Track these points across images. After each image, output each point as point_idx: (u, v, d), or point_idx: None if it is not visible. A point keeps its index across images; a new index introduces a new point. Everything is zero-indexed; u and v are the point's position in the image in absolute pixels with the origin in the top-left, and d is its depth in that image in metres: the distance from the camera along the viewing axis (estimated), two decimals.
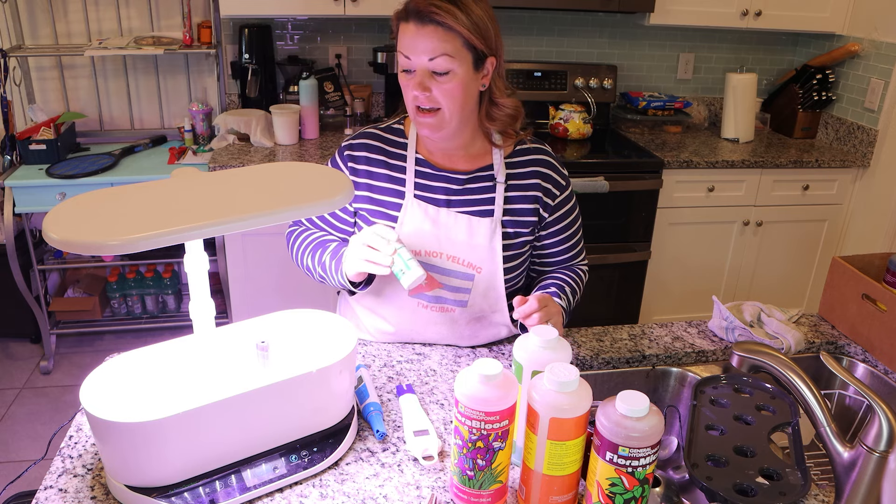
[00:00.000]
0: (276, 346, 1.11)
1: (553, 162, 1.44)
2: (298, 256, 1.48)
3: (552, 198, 1.43)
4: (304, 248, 1.46)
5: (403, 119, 1.45)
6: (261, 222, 0.92)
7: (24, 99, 2.93)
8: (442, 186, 1.39)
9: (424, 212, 1.37)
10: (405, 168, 1.40)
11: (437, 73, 1.27)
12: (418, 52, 1.26)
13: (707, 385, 1.19)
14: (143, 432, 0.93)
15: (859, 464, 1.01)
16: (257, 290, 2.70)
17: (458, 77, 1.28)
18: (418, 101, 1.30)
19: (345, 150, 1.43)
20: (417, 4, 1.26)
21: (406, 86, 1.31)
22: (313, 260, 1.43)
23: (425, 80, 1.28)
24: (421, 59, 1.27)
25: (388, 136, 1.43)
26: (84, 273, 3.18)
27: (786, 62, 3.46)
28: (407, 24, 1.27)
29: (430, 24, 1.25)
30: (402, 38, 1.29)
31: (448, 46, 1.25)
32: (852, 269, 1.53)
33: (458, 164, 1.41)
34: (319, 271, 1.42)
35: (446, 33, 1.25)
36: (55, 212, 0.88)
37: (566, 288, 1.43)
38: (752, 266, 3.13)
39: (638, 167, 2.82)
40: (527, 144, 1.44)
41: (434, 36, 1.25)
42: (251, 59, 2.89)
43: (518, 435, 1.05)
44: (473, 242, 1.37)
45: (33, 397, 2.76)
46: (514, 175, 1.41)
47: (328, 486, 1.06)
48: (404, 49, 1.28)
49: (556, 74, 3.16)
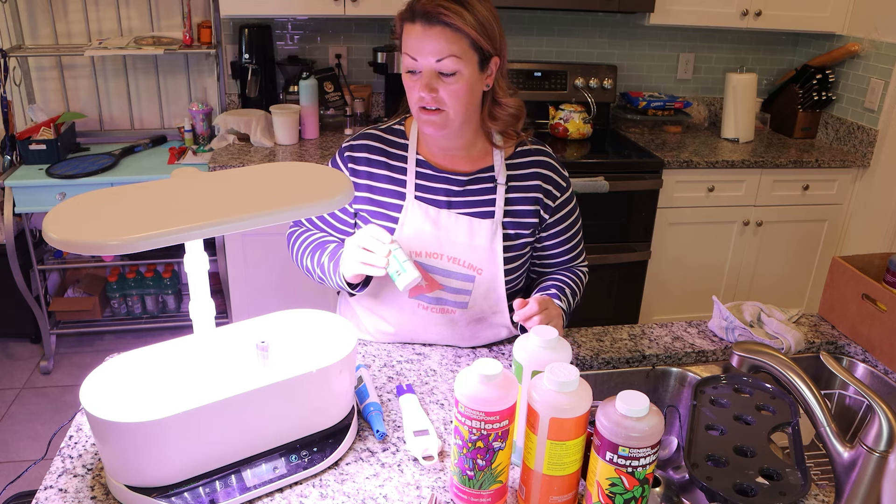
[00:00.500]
0: (276, 346, 1.11)
1: (554, 163, 1.44)
2: (298, 257, 1.47)
3: (553, 199, 1.43)
4: (304, 249, 1.46)
5: (404, 120, 1.45)
6: (261, 222, 0.92)
7: (24, 99, 2.93)
8: (443, 188, 1.39)
9: (425, 213, 1.37)
10: (406, 169, 1.40)
11: (444, 73, 1.27)
12: (425, 53, 1.25)
13: (707, 385, 1.19)
14: (143, 432, 0.93)
15: (859, 464, 1.01)
16: (257, 290, 2.70)
17: (465, 78, 1.27)
18: (424, 101, 1.29)
19: (345, 151, 1.43)
20: (424, 5, 1.25)
21: (411, 86, 1.31)
22: (312, 261, 1.43)
23: (432, 81, 1.27)
24: (428, 61, 1.26)
25: (389, 136, 1.43)
26: (84, 273, 3.18)
27: (786, 62, 3.46)
28: (413, 24, 1.26)
29: (438, 24, 1.24)
30: (408, 38, 1.28)
31: (455, 48, 1.25)
32: (852, 269, 1.53)
33: (459, 165, 1.40)
34: (318, 272, 1.41)
35: (454, 34, 1.24)
36: (55, 212, 0.88)
37: (566, 290, 1.42)
38: (752, 266, 3.13)
39: (638, 167, 2.82)
40: (527, 146, 1.44)
41: (441, 37, 1.24)
42: (251, 59, 2.89)
43: (518, 435, 1.05)
44: (474, 244, 1.37)
45: (33, 397, 2.76)
46: (514, 176, 1.41)
47: (328, 486, 1.06)
48: (410, 50, 1.27)
49: (556, 74, 3.16)
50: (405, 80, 1.32)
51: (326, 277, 1.39)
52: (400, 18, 1.30)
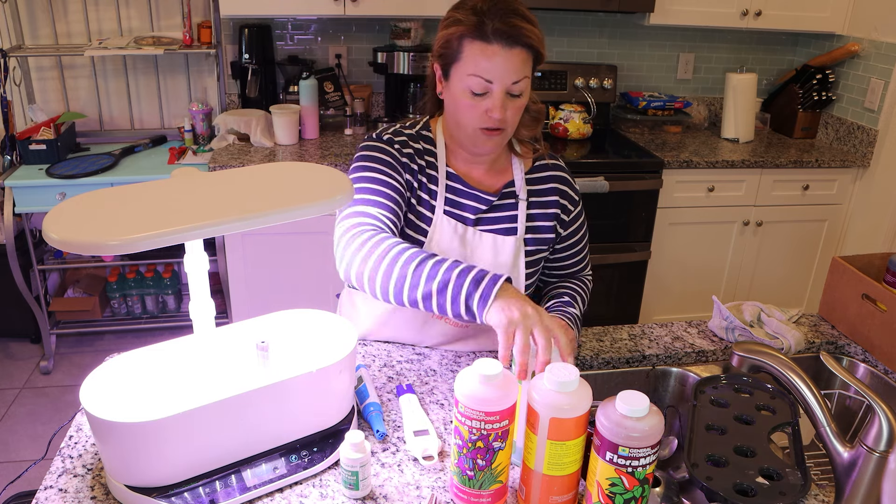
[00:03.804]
0: (276, 346, 1.11)
1: (568, 177, 1.44)
2: (389, 259, 1.16)
3: (567, 213, 1.43)
4: (402, 255, 1.15)
5: (428, 125, 1.38)
6: (261, 222, 0.92)
7: (24, 99, 2.93)
8: (472, 205, 1.35)
9: (454, 229, 1.34)
10: (436, 179, 1.34)
11: (513, 94, 1.22)
12: (505, 75, 1.18)
13: (707, 385, 1.19)
14: (143, 432, 0.93)
15: (859, 464, 1.01)
16: (257, 290, 2.70)
17: (527, 94, 1.24)
18: (490, 122, 1.23)
19: (394, 144, 1.31)
20: (499, 25, 1.17)
21: (472, 106, 1.22)
22: (424, 271, 1.12)
23: (506, 103, 1.22)
24: (504, 83, 1.19)
25: (423, 144, 1.36)
26: (84, 273, 3.18)
27: (786, 62, 3.46)
28: (488, 45, 1.18)
29: (519, 45, 1.18)
30: (479, 59, 1.19)
31: (528, 68, 1.21)
32: (852, 269, 1.53)
33: (483, 177, 1.37)
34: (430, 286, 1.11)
35: (528, 54, 1.20)
36: (55, 212, 0.88)
37: (577, 298, 1.43)
38: (752, 266, 3.13)
39: (638, 167, 2.82)
40: (545, 160, 1.42)
41: (519, 58, 1.19)
42: (251, 59, 2.89)
43: (518, 435, 1.05)
44: (498, 261, 1.35)
45: (33, 397, 2.76)
46: (534, 192, 1.39)
47: (328, 486, 1.06)
48: (484, 72, 1.18)
49: (556, 74, 3.15)
50: (464, 100, 1.23)
51: (446, 293, 1.09)
52: (459, 35, 1.20)
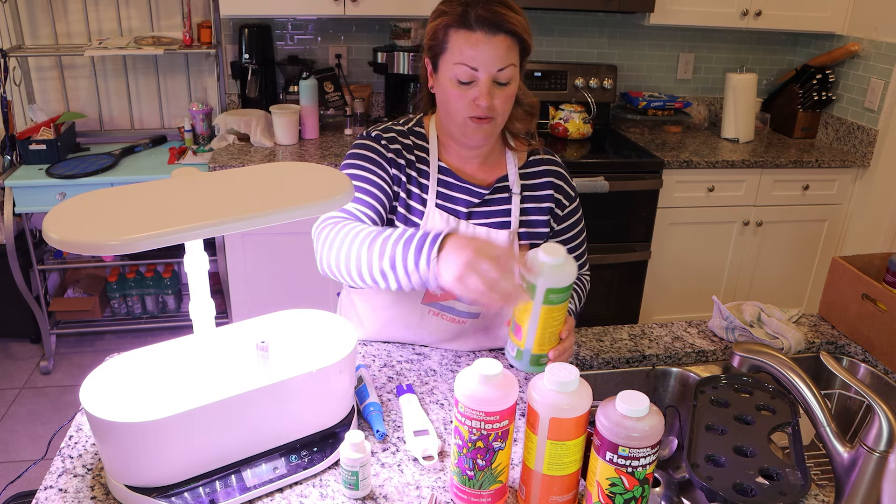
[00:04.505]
0: (276, 346, 1.11)
1: (564, 173, 1.44)
2: (344, 249, 1.18)
3: (562, 208, 1.43)
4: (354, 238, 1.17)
5: (421, 121, 1.40)
6: (261, 222, 0.92)
7: (24, 99, 2.93)
8: (464, 198, 1.36)
9: (446, 222, 1.34)
10: (427, 174, 1.35)
11: (500, 82, 1.22)
12: (488, 62, 1.20)
13: (707, 385, 1.19)
14: (143, 432, 0.93)
15: (859, 464, 1.01)
16: (257, 290, 2.70)
17: (515, 82, 1.25)
18: (479, 111, 1.24)
19: (380, 139, 1.33)
20: (481, 12, 1.18)
21: (460, 96, 1.24)
22: (373, 249, 1.13)
23: (492, 91, 1.22)
24: (489, 70, 1.21)
25: (413, 138, 1.37)
26: (84, 273, 3.18)
27: (786, 62, 3.46)
28: (472, 32, 1.19)
29: (502, 32, 1.19)
30: (464, 47, 1.20)
31: (513, 55, 1.22)
32: (852, 269, 1.53)
33: (476, 172, 1.38)
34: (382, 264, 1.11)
35: (513, 41, 1.21)
36: (55, 212, 0.88)
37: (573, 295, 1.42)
38: (752, 266, 3.13)
39: (638, 167, 2.82)
40: (539, 155, 1.43)
41: (503, 45, 1.20)
42: (251, 59, 2.89)
43: (530, 327, 1.06)
44: None
45: (33, 397, 2.76)
46: (528, 186, 1.40)
47: (328, 486, 1.06)
48: (469, 60, 1.20)
49: (556, 74, 3.16)
50: (452, 90, 1.24)
51: (397, 268, 1.10)
52: (445, 26, 1.22)
